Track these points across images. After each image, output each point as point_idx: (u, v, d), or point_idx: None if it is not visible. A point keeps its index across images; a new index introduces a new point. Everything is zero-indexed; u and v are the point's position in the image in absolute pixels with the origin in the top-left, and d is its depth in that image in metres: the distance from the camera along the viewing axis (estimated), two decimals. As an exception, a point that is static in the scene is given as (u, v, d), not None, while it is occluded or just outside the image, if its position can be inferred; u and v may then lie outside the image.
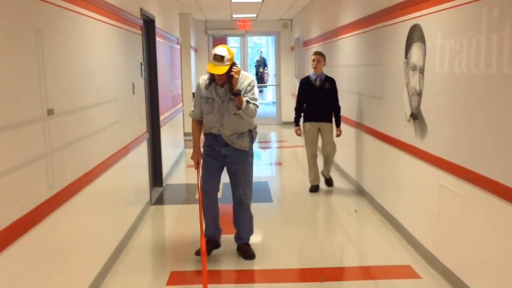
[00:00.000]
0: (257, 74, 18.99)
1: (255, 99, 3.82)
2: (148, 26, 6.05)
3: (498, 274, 2.91)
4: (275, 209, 5.67)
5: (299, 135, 6.08)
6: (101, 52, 3.83)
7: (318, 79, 5.91)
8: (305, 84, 6.00)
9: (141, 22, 5.34)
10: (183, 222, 5.26)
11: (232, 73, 3.69)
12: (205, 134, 3.98)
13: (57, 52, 2.89)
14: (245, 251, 4.03)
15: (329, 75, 6.07)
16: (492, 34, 2.86)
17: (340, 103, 6.01)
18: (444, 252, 3.60)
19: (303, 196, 5.97)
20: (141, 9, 5.39)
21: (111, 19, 4.10)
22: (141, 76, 5.38)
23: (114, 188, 4.07)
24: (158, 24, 6.47)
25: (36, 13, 2.62)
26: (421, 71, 3.92)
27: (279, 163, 8.73)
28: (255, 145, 4.66)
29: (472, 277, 3.21)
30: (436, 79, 3.67)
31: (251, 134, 3.96)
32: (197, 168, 3.99)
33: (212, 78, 3.79)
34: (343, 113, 6.08)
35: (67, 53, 3.07)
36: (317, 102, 5.90)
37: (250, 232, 4.16)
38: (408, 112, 4.24)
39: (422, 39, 3.90)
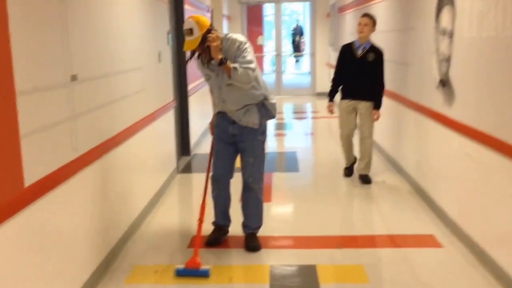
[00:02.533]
0: (293, 42, 18.98)
1: (249, 62, 3.39)
2: (176, -6, 6.18)
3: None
4: (301, 178, 5.81)
5: (331, 112, 5.45)
6: (125, 20, 4.00)
7: (361, 48, 5.14)
8: (345, 52, 5.27)
9: (167, -11, 5.49)
10: (209, 190, 5.48)
11: (208, 42, 3.35)
12: (216, 114, 3.75)
13: (81, 20, 3.07)
14: (250, 241, 3.75)
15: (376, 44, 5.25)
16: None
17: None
18: (468, 222, 3.68)
19: (331, 167, 6.07)
20: (167, -25, 5.52)
21: (135, -14, 4.26)
22: (168, 44, 5.55)
23: (139, 154, 4.29)
24: (186, -9, 6.58)
25: (58, -20, 2.79)
26: (450, 35, 3.93)
27: (311, 134, 8.84)
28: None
29: (494, 247, 3.28)
30: (464, 44, 3.69)
31: (263, 108, 3.59)
32: (212, 133, 3.83)
33: (199, 53, 3.51)
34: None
35: (91, 21, 3.25)
36: (356, 75, 5.16)
37: (258, 221, 3.82)
38: (437, 79, 4.26)
39: (451, 2, 3.90)
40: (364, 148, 5.34)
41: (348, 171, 5.59)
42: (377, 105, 5.18)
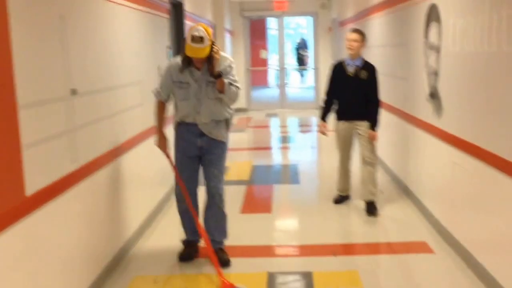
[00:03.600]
0: (298, 56, 19.26)
1: (236, 81, 3.68)
2: (177, 10, 6.42)
3: (508, 251, 3.10)
4: (300, 190, 6.01)
5: (324, 133, 5.17)
6: (125, 35, 4.21)
7: (352, 65, 4.85)
8: (337, 71, 4.96)
9: (168, 5, 5.72)
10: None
11: (213, 53, 3.52)
12: (177, 124, 3.81)
13: (80, 36, 3.28)
14: (219, 257, 3.72)
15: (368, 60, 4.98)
16: (493, 14, 3.07)
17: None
18: (457, 229, 3.84)
19: (331, 179, 6.21)
20: (168, -7, 5.76)
21: (135, 3, 4.48)
22: (168, 59, 5.77)
23: (139, 166, 4.48)
24: (187, 7, 6.83)
25: (59, 0, 3.00)
26: (438, 50, 4.13)
27: (313, 148, 9.04)
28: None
29: (483, 253, 3.44)
30: (449, 58, 3.89)
31: (227, 123, 3.81)
32: (168, 157, 3.91)
33: (188, 61, 3.61)
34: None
35: (90, 37, 3.46)
36: (350, 95, 4.86)
37: (223, 234, 3.88)
38: (427, 91, 4.45)
39: (438, 19, 4.11)
40: (367, 175, 4.86)
41: (340, 199, 5.20)
42: (373, 125, 4.80)
